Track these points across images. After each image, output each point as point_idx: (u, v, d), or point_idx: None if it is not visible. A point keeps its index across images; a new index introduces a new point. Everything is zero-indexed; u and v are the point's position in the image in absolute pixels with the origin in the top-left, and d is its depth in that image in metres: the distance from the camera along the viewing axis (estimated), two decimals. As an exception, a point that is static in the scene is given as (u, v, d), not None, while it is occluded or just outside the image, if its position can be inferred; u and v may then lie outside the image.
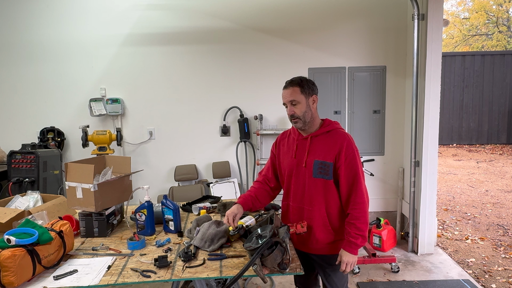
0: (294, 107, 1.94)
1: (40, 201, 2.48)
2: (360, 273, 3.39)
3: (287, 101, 1.97)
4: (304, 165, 1.97)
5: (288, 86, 1.97)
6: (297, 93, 1.94)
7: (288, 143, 2.09)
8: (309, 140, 1.98)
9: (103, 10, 4.04)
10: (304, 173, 1.97)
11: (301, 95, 1.94)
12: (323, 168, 1.92)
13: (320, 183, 1.94)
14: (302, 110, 1.93)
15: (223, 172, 4.15)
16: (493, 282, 3.27)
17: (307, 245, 2.04)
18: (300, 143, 2.01)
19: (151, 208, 2.19)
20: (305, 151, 1.98)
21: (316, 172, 1.93)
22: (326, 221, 1.96)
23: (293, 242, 2.07)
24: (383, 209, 4.28)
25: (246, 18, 4.08)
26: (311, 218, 1.98)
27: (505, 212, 5.14)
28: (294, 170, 2.01)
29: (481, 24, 17.40)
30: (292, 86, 1.96)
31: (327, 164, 1.91)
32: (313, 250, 2.04)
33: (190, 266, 1.78)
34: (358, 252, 1.91)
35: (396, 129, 4.19)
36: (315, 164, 1.93)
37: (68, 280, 1.67)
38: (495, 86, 10.16)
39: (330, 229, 1.97)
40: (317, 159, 1.93)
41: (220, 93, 4.20)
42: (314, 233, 1.98)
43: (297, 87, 1.95)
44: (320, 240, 1.98)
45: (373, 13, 4.07)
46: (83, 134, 3.89)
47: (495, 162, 8.41)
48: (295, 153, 2.01)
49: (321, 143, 1.96)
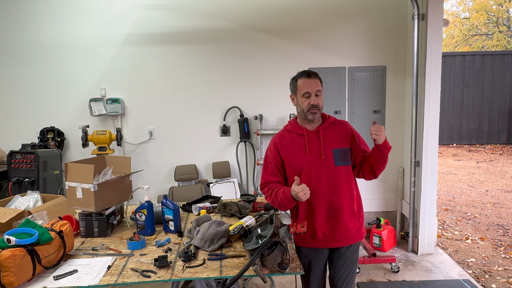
0: (317, 97, 1.97)
1: (40, 201, 2.48)
2: (360, 273, 3.39)
3: (314, 91, 1.95)
4: (323, 157, 1.97)
5: (312, 76, 1.97)
6: (320, 84, 1.99)
7: (294, 141, 2.02)
8: (321, 132, 2.00)
9: (103, 10, 4.04)
10: (324, 164, 1.97)
11: (321, 87, 2.00)
12: (344, 155, 1.99)
13: (342, 170, 1.99)
14: (322, 101, 2.00)
15: (223, 172, 4.15)
16: (493, 282, 3.27)
17: (336, 238, 2.01)
18: (310, 138, 2.01)
19: (151, 208, 2.19)
20: (318, 143, 1.99)
21: (338, 160, 1.97)
22: (352, 206, 2.01)
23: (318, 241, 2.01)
24: (383, 209, 4.28)
25: (246, 18, 4.08)
26: (339, 208, 1.98)
27: (505, 212, 5.14)
28: (312, 164, 1.97)
29: (481, 24, 17.39)
30: (316, 77, 1.98)
31: (346, 150, 2.00)
32: (342, 241, 2.03)
33: (190, 266, 1.78)
34: (388, 145, 1.95)
35: (396, 129, 4.19)
36: (335, 153, 1.98)
37: (68, 280, 1.67)
38: (495, 86, 10.15)
39: (356, 214, 2.02)
40: (336, 147, 1.99)
41: (220, 93, 4.20)
42: (344, 222, 1.99)
43: (319, 79, 2.00)
44: (350, 228, 2.01)
45: (373, 13, 4.07)
46: (83, 134, 3.89)
47: (495, 162, 8.40)
48: (307, 148, 1.99)
49: (331, 133, 2.02)
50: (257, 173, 4.26)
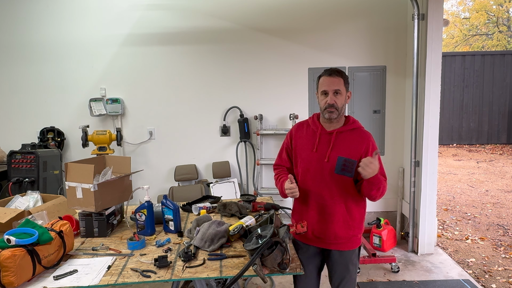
0: (335, 97, 1.89)
1: (40, 201, 2.48)
2: (360, 273, 3.39)
3: (332, 89, 1.88)
4: (326, 160, 1.92)
5: (333, 75, 1.90)
6: (341, 83, 1.91)
7: (307, 135, 2.01)
8: (335, 135, 1.94)
9: (103, 10, 4.04)
10: (326, 167, 1.92)
11: (343, 87, 1.92)
12: (347, 166, 1.88)
13: (341, 179, 1.92)
14: (342, 102, 1.91)
15: (223, 172, 4.15)
16: (493, 282, 3.27)
17: (326, 241, 2.01)
18: (323, 137, 1.96)
19: (151, 208, 2.19)
20: (328, 145, 1.93)
21: (339, 169, 1.89)
22: (347, 216, 1.96)
23: (308, 238, 2.02)
24: (383, 209, 4.28)
25: (246, 18, 4.08)
26: (331, 214, 1.95)
27: (505, 212, 5.14)
28: (313, 164, 1.96)
29: (481, 24, 17.39)
30: (337, 76, 1.90)
31: (352, 162, 1.88)
32: (331, 245, 2.01)
33: (190, 266, 1.78)
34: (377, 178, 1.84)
35: (396, 129, 4.19)
36: (339, 160, 1.89)
37: (68, 280, 1.67)
38: (495, 86, 10.15)
39: (349, 224, 1.97)
40: (342, 155, 1.89)
41: (220, 93, 4.20)
42: (334, 229, 1.96)
43: (341, 77, 1.91)
44: (339, 235, 1.97)
45: (373, 13, 4.07)
46: (83, 134, 3.89)
47: (495, 162, 8.40)
48: (316, 147, 1.95)
49: (346, 140, 1.93)
50: (257, 173, 4.26)
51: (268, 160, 4.16)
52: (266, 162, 4.17)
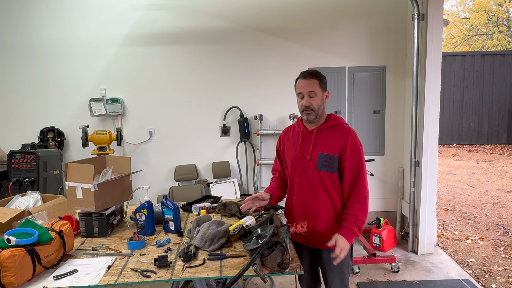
0: (311, 99, 1.95)
1: (40, 201, 2.48)
2: (360, 273, 3.39)
3: (306, 92, 1.95)
4: (309, 158, 1.99)
5: (307, 77, 1.97)
6: (316, 85, 1.96)
7: (293, 137, 2.11)
8: (315, 134, 2.00)
9: (103, 10, 4.04)
10: (309, 165, 1.99)
11: (319, 88, 1.97)
12: (328, 161, 1.95)
13: (324, 176, 1.96)
14: (318, 103, 1.96)
15: (223, 172, 4.15)
16: (493, 282, 3.27)
17: (312, 240, 2.04)
18: (305, 137, 2.03)
19: (151, 208, 2.19)
20: (310, 144, 2.00)
21: (321, 165, 1.96)
22: (332, 214, 1.98)
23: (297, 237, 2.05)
24: (383, 209, 4.28)
25: (246, 18, 4.08)
26: (315, 211, 1.99)
27: (505, 212, 5.14)
28: (298, 163, 2.03)
29: (481, 24, 17.39)
30: (312, 78, 1.96)
31: (332, 157, 1.94)
32: (318, 244, 2.04)
33: (190, 266, 1.78)
34: (353, 241, 1.92)
35: (396, 129, 4.19)
36: (320, 157, 1.96)
37: (68, 280, 1.67)
38: (495, 86, 10.15)
39: (335, 223, 1.98)
40: (322, 152, 1.96)
41: (220, 93, 4.20)
42: (319, 227, 1.99)
43: (316, 79, 1.97)
44: (325, 233, 1.98)
45: (373, 13, 4.07)
46: (83, 134, 3.89)
47: (495, 162, 8.40)
48: (300, 146, 2.03)
49: (326, 137, 1.99)
50: (257, 173, 4.26)
51: (268, 160, 4.16)
52: (266, 162, 4.17)
